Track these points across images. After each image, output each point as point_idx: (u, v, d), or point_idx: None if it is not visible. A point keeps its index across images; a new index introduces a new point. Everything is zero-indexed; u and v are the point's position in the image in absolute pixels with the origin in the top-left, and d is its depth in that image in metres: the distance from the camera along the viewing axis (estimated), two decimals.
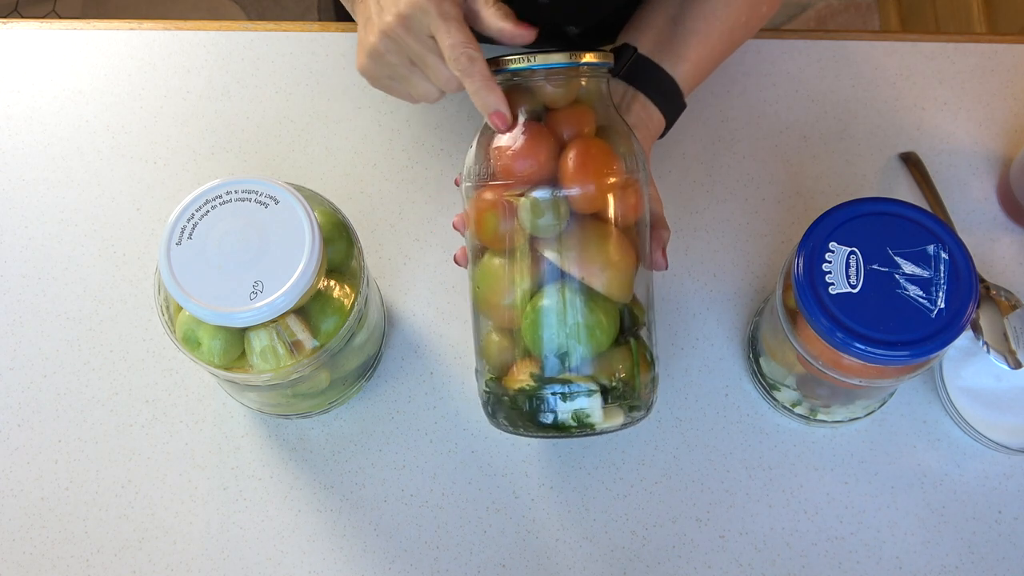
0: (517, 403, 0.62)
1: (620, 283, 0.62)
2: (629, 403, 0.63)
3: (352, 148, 0.84)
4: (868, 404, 0.73)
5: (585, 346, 0.61)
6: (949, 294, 0.60)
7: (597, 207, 0.61)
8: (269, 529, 0.73)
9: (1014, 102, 0.85)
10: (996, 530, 0.72)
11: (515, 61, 0.59)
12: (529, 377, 0.62)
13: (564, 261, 0.60)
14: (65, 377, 0.77)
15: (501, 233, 0.61)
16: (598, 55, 0.60)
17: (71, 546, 0.73)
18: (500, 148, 0.60)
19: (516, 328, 0.62)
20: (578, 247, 0.61)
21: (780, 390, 0.74)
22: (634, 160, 0.62)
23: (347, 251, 0.66)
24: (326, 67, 0.87)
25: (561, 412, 0.61)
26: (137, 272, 0.80)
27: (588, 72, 0.61)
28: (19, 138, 0.85)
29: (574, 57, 0.60)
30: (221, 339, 0.62)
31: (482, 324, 0.66)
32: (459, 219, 0.65)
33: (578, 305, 0.61)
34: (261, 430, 0.76)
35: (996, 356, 0.72)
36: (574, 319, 0.61)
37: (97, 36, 0.88)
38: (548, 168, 0.60)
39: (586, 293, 0.61)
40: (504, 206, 0.60)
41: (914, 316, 0.60)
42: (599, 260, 0.61)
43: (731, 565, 0.72)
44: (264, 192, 0.61)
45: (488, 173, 0.61)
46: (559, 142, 0.61)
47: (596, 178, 0.60)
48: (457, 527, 0.73)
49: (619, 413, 0.62)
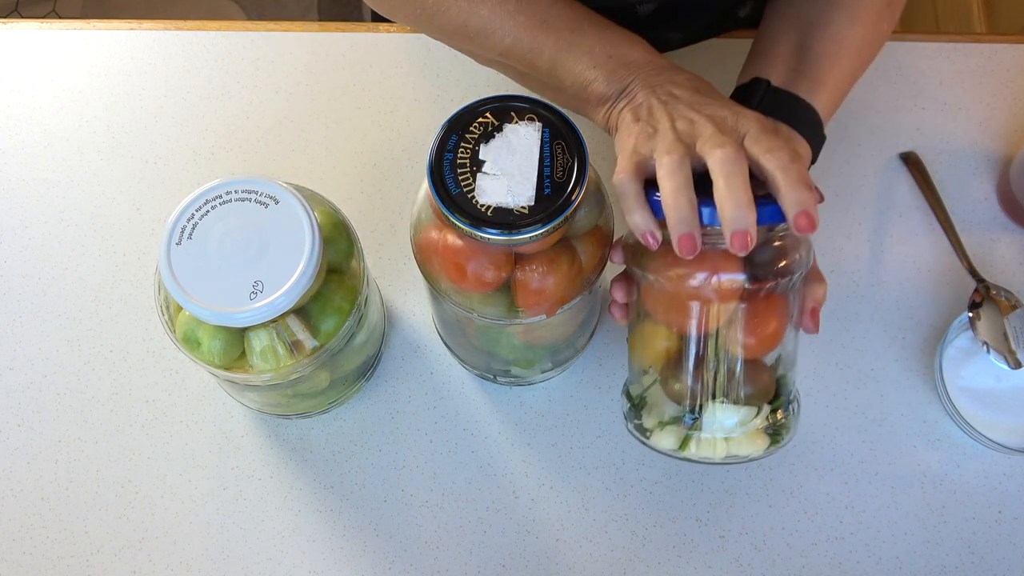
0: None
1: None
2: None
3: (352, 148, 0.84)
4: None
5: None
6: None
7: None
8: (269, 529, 0.73)
9: (1014, 102, 0.85)
10: (996, 530, 0.72)
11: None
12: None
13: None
14: (65, 377, 0.77)
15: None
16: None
17: (71, 546, 0.73)
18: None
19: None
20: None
21: (653, 428, 0.64)
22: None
23: (347, 251, 0.66)
24: (326, 67, 0.87)
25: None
26: (137, 272, 0.80)
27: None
28: (19, 138, 0.85)
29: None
30: (221, 339, 0.62)
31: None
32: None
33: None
34: (261, 430, 0.76)
35: (996, 356, 0.72)
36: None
37: (97, 36, 0.88)
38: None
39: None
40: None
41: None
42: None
43: (731, 565, 0.72)
44: (264, 192, 0.61)
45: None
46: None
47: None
48: (457, 527, 0.73)
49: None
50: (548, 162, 0.56)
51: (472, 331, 0.69)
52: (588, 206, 0.60)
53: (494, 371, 0.75)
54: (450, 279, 0.60)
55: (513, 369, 0.74)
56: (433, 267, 0.61)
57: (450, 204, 0.55)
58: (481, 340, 0.70)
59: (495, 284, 0.60)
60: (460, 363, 0.77)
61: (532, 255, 0.59)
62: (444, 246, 0.59)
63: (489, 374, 0.76)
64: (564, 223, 0.55)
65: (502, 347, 0.70)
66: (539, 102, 0.58)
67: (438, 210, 0.56)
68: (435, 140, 0.57)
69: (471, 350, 0.73)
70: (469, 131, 0.57)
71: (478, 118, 0.57)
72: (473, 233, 0.55)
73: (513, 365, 0.73)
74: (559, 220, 0.55)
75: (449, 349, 0.77)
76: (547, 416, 0.76)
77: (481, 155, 0.56)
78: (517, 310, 0.61)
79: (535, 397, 0.77)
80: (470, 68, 0.87)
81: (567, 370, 0.77)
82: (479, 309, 0.62)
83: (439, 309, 0.70)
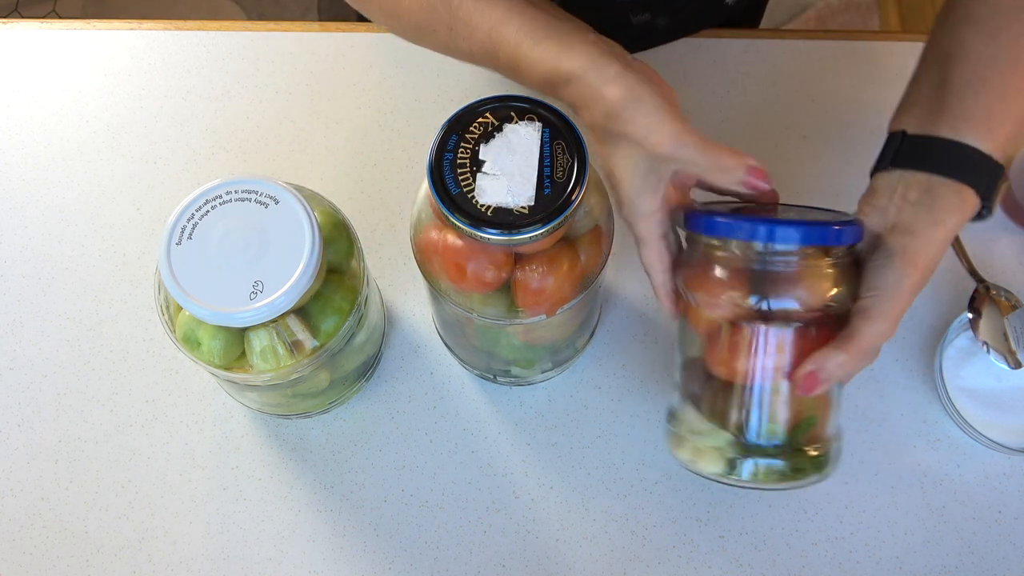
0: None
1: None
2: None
3: (352, 148, 0.84)
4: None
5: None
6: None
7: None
8: (269, 529, 0.73)
9: None
10: (996, 530, 0.72)
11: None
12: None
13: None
14: (65, 377, 0.77)
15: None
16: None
17: (71, 546, 0.73)
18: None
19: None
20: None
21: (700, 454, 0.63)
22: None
23: (347, 251, 0.66)
24: (326, 67, 0.87)
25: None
26: (137, 272, 0.80)
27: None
28: (19, 138, 0.85)
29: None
30: (221, 339, 0.62)
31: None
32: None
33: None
34: (261, 430, 0.76)
35: (996, 356, 0.72)
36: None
37: (97, 36, 0.88)
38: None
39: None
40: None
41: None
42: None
43: (731, 565, 0.72)
44: (264, 192, 0.61)
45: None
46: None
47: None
48: (457, 527, 0.73)
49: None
50: (548, 162, 0.56)
51: (472, 331, 0.69)
52: (588, 206, 0.60)
53: (494, 371, 0.75)
54: (450, 279, 0.60)
55: (513, 369, 0.74)
56: (433, 267, 0.61)
57: (450, 204, 0.55)
58: (481, 340, 0.70)
59: (495, 284, 0.60)
60: (460, 363, 0.77)
61: (532, 255, 0.59)
62: (444, 246, 0.59)
63: (489, 374, 0.76)
64: (564, 223, 0.55)
65: (502, 347, 0.71)
66: (539, 102, 0.58)
67: (438, 210, 0.56)
68: (435, 140, 0.57)
69: (471, 350, 0.73)
70: (469, 131, 0.57)
71: (478, 118, 0.57)
72: (473, 233, 0.55)
73: (513, 365, 0.73)
74: (559, 220, 0.55)
75: (449, 349, 0.77)
76: (547, 416, 0.76)
77: (481, 155, 0.56)
78: (517, 310, 0.61)
79: (535, 397, 0.77)
80: (470, 68, 0.87)
81: (567, 370, 0.77)
82: (479, 309, 0.62)
83: (439, 309, 0.70)
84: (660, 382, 0.77)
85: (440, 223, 0.59)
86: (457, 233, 0.57)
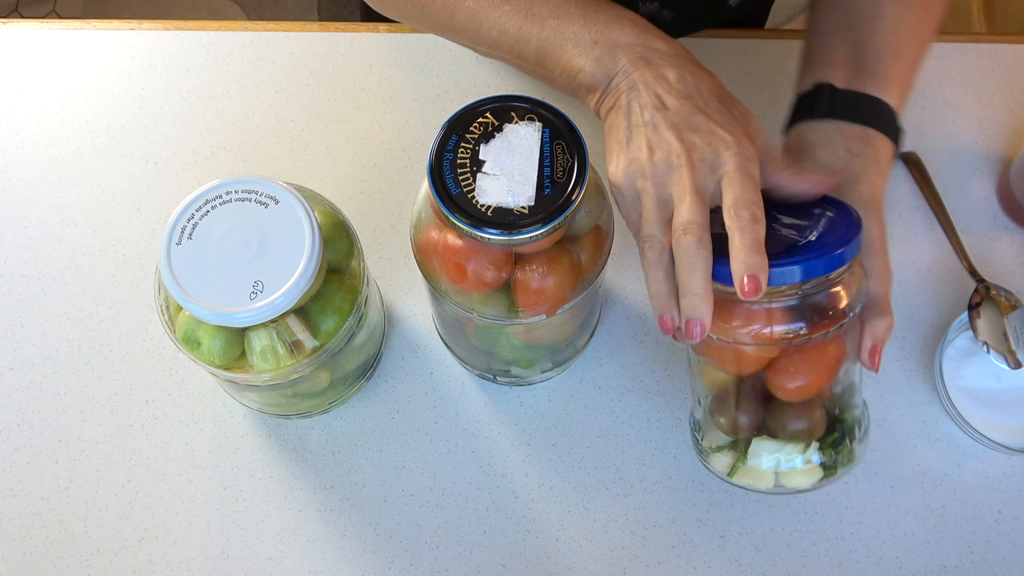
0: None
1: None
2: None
3: (352, 148, 0.84)
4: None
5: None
6: (823, 232, 0.57)
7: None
8: (269, 529, 0.73)
9: (1014, 102, 0.85)
10: (996, 530, 0.72)
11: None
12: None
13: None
14: (65, 377, 0.77)
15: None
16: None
17: (71, 546, 0.73)
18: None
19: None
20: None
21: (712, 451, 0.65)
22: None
23: (347, 251, 0.66)
24: (326, 67, 0.87)
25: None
26: (137, 272, 0.80)
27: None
28: (19, 138, 0.85)
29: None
30: (221, 339, 0.62)
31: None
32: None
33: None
34: (261, 430, 0.76)
35: (996, 356, 0.72)
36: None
37: (97, 36, 0.88)
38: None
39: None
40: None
41: (782, 242, 0.57)
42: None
43: (731, 565, 0.72)
44: (264, 192, 0.61)
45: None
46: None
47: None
48: (457, 527, 0.73)
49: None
50: (548, 162, 0.56)
51: (472, 331, 0.69)
52: (588, 206, 0.60)
53: (494, 371, 0.75)
54: (450, 279, 0.60)
55: (513, 369, 0.74)
56: (433, 267, 0.61)
57: (450, 204, 0.55)
58: (481, 340, 0.70)
59: (495, 284, 0.60)
60: (460, 363, 0.77)
61: (532, 255, 0.59)
62: (444, 246, 0.59)
63: (489, 374, 0.76)
64: (564, 223, 0.55)
65: (502, 347, 0.71)
66: (539, 102, 0.58)
67: (438, 210, 0.56)
68: (435, 140, 0.57)
69: (471, 350, 0.73)
70: (469, 131, 0.57)
71: (478, 118, 0.57)
72: (473, 233, 0.55)
73: (513, 365, 0.73)
74: (559, 220, 0.55)
75: (449, 349, 0.77)
76: (547, 416, 0.76)
77: (481, 155, 0.56)
78: (517, 310, 0.61)
79: (535, 397, 0.77)
80: (470, 68, 0.87)
81: (567, 370, 0.77)
82: (479, 309, 0.62)
83: (439, 309, 0.70)
84: (660, 382, 0.77)
85: (440, 223, 0.59)
86: (457, 233, 0.57)
